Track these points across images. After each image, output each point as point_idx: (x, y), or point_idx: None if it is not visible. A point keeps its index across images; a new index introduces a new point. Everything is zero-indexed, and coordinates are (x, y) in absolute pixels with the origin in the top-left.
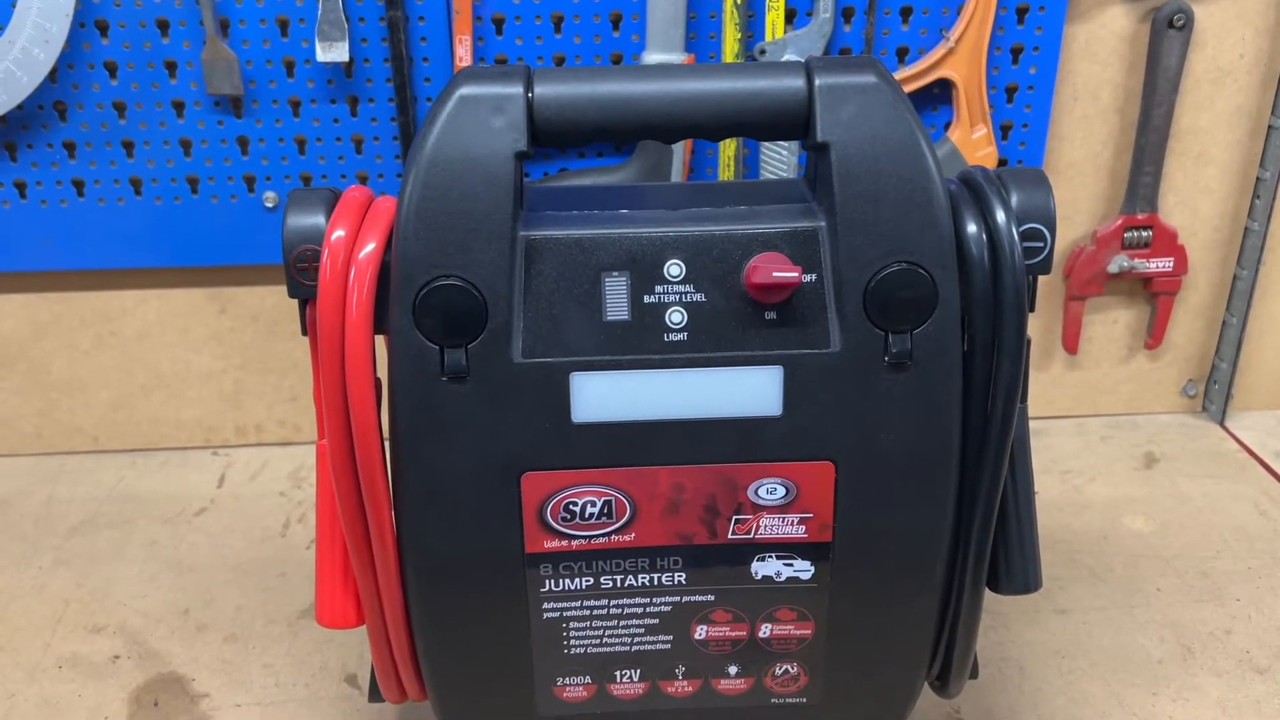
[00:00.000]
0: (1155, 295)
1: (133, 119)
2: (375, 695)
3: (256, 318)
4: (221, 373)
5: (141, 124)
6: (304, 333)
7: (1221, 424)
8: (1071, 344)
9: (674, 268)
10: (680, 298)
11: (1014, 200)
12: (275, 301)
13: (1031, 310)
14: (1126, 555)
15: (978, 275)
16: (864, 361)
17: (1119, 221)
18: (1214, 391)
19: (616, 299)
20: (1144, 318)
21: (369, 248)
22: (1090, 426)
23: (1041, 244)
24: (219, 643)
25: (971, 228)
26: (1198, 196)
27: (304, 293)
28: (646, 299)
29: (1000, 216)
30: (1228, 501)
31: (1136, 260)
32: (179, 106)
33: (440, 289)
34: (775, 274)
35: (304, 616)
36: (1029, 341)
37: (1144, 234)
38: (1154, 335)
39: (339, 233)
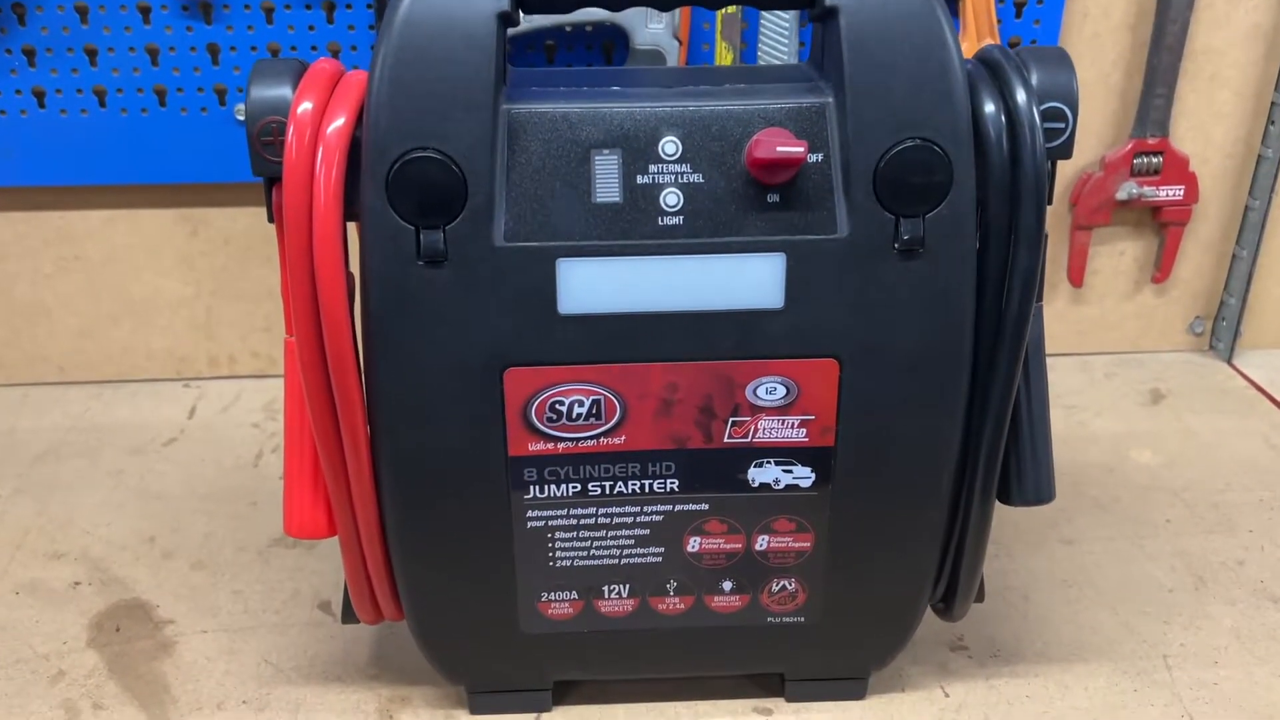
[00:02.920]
0: (1164, 226)
1: (96, 23)
2: (349, 616)
3: (229, 241)
4: (193, 299)
5: (105, 29)
6: (270, 219)
7: (1229, 361)
8: (1076, 276)
9: (669, 145)
10: (676, 178)
11: (1034, 79)
12: (249, 224)
13: (1049, 201)
14: (1134, 488)
15: (995, 157)
16: (872, 249)
17: (1129, 146)
18: (1221, 329)
19: (607, 179)
20: (1151, 250)
21: (338, 122)
22: (1094, 364)
23: (1063, 125)
24: (185, 570)
25: (989, 107)
26: (1210, 121)
27: (269, 170)
28: (639, 179)
29: (1020, 95)
30: (1236, 436)
31: (1146, 188)
32: (145, 11)
33: (416, 162)
34: (779, 149)
35: (276, 544)
36: (1046, 235)
37: (1154, 160)
38: (1161, 268)
39: (305, 105)
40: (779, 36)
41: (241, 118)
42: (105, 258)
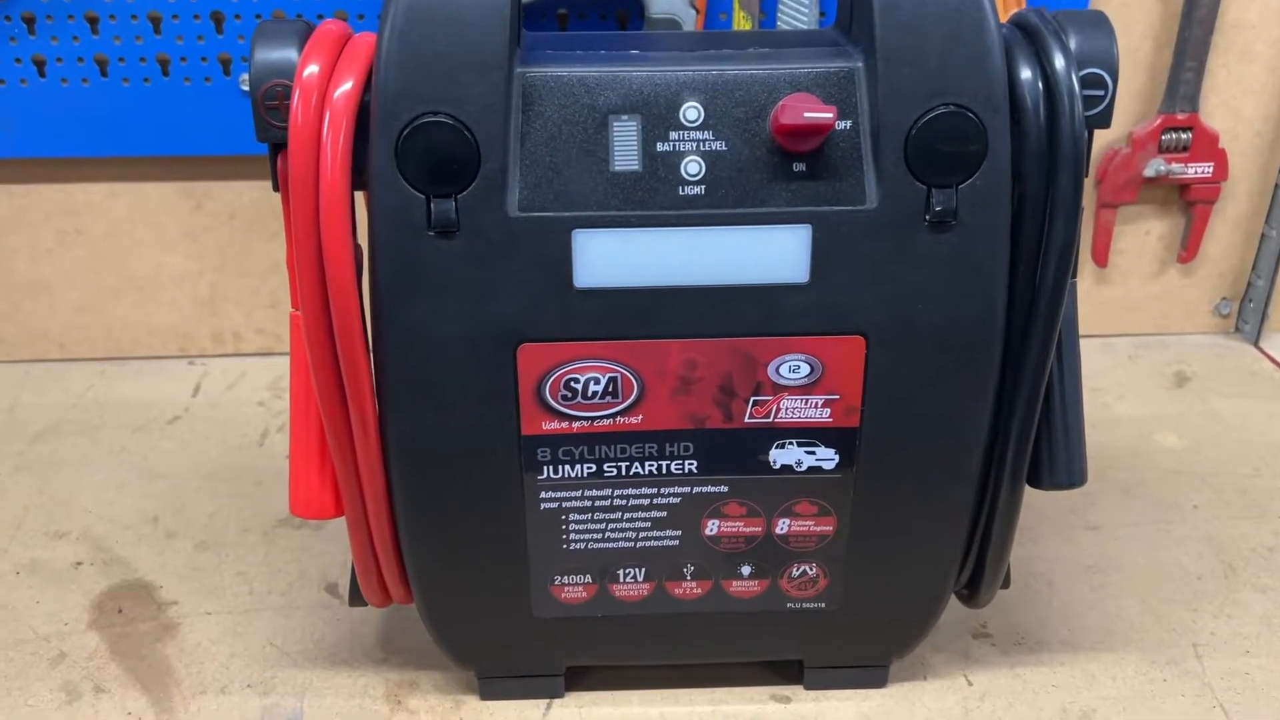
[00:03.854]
0: (1192, 204)
1: None
2: (356, 598)
3: (234, 215)
4: (197, 275)
5: None
6: (275, 187)
7: (1256, 344)
8: (1101, 256)
9: (691, 111)
10: (698, 145)
11: (1072, 44)
12: (255, 197)
13: (1086, 172)
14: (1159, 472)
15: (1032, 125)
16: (902, 220)
17: (1157, 122)
18: (1248, 310)
19: (626, 146)
20: (1178, 229)
21: (346, 86)
22: (1117, 345)
23: (1102, 93)
24: (189, 550)
25: (1026, 73)
26: (1241, 97)
27: (274, 135)
28: (659, 146)
29: (1059, 61)
30: (1264, 420)
31: (1174, 165)
32: None
33: (426, 127)
34: (806, 115)
35: (281, 525)
36: (1082, 208)
37: (1183, 136)
38: (1188, 248)
39: (312, 68)
40: (799, 5)
41: (246, 88)
42: (107, 232)
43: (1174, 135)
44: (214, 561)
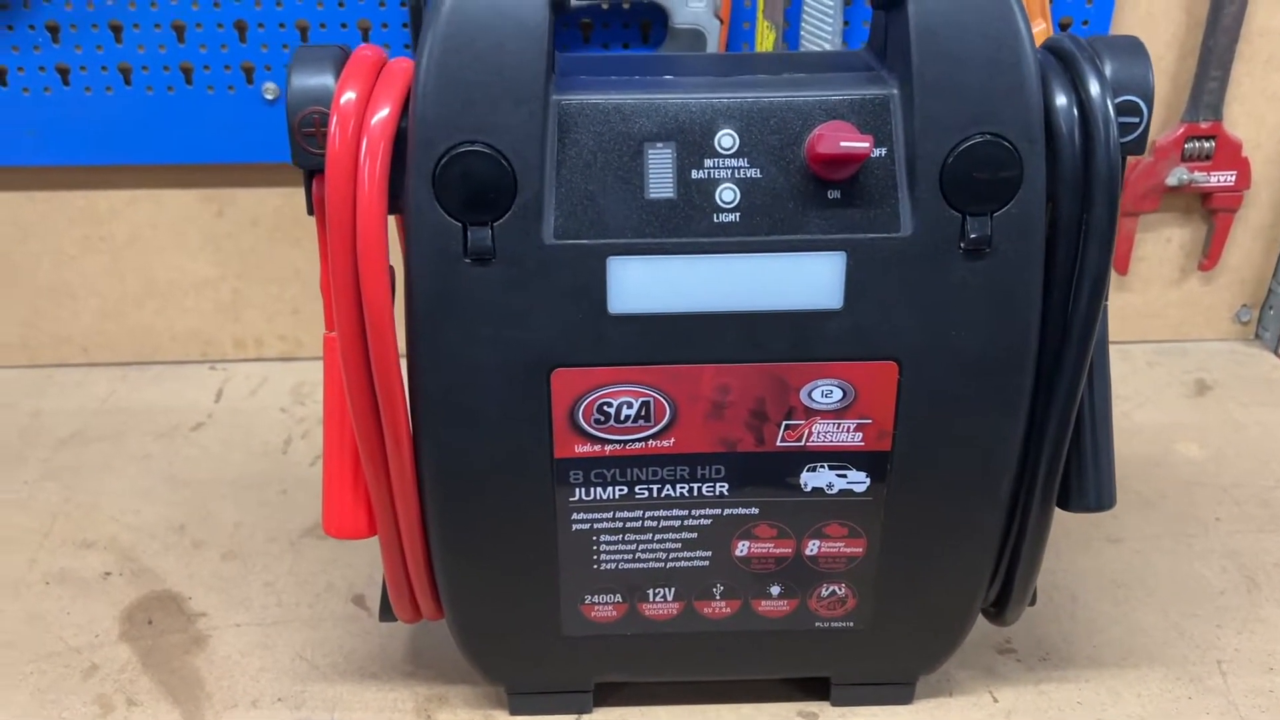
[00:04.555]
0: (1214, 212)
1: None
2: (386, 614)
3: (256, 222)
4: (219, 281)
5: (130, 4)
6: (310, 211)
7: (1276, 352)
8: (1122, 264)
9: (726, 139)
10: (732, 173)
11: (1108, 70)
12: (277, 204)
13: (1119, 198)
14: (1180, 483)
15: (1067, 152)
16: (937, 248)
17: (1180, 130)
18: (1269, 318)
19: (660, 174)
20: (1199, 237)
21: (383, 113)
22: (1136, 353)
23: (1137, 120)
24: (216, 560)
25: (1061, 100)
26: (1265, 106)
27: (311, 162)
28: (694, 174)
29: (1094, 88)
30: None
31: (1196, 173)
32: None
33: (464, 156)
34: (843, 144)
35: (307, 535)
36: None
37: (1206, 145)
38: (1209, 255)
39: (349, 95)
40: (823, 16)
41: (270, 97)
42: (129, 238)
43: (1197, 144)
44: (241, 572)
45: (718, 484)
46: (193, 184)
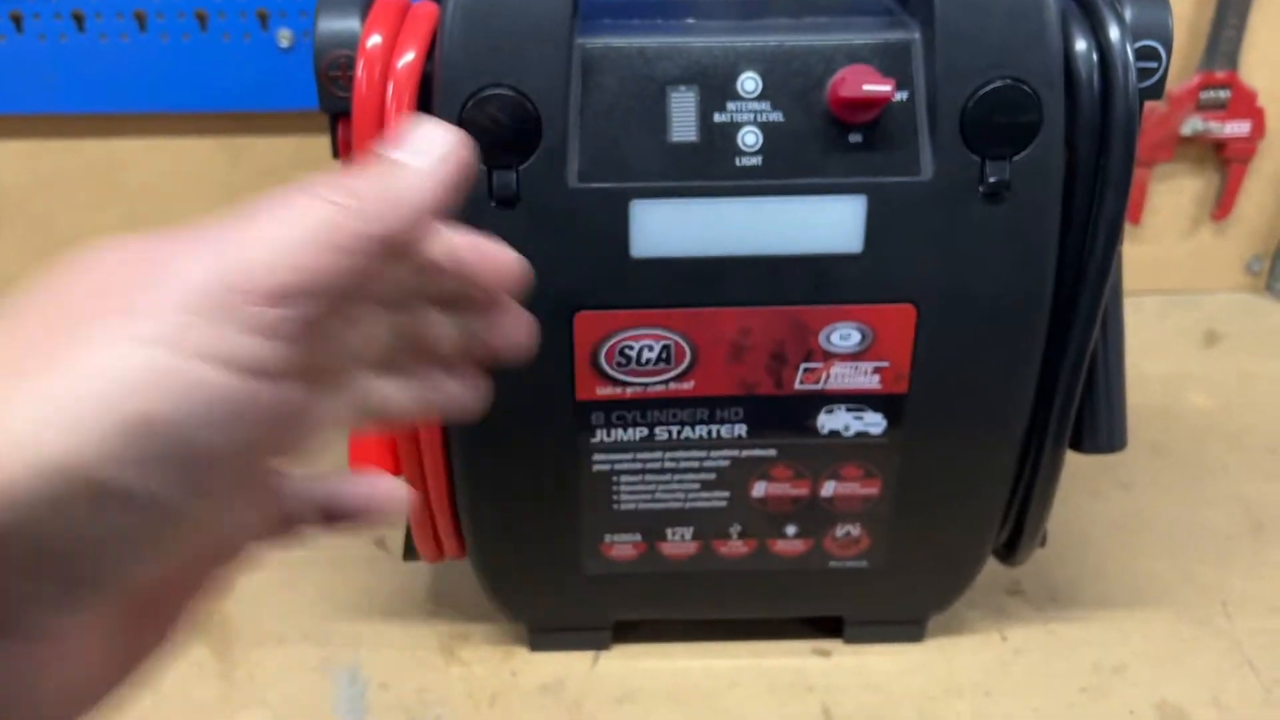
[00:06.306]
0: (1227, 162)
1: None
2: (410, 554)
3: (272, 172)
4: None
5: None
6: (335, 154)
7: None
8: (1134, 213)
9: (749, 82)
10: (755, 116)
11: (1128, 15)
12: (292, 153)
13: (1136, 144)
14: (1190, 431)
15: (1086, 98)
16: (956, 192)
17: (1196, 80)
18: None
19: (683, 117)
20: (1212, 187)
21: (408, 56)
22: (1146, 304)
23: (1156, 64)
24: None
25: (1081, 44)
26: None
27: (337, 105)
28: (717, 117)
29: (1115, 33)
30: None
31: (1211, 123)
32: None
33: (489, 99)
34: (866, 88)
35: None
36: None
37: (1221, 94)
38: (1222, 205)
39: (375, 39)
40: None
41: (284, 44)
42: (144, 188)
43: (1212, 93)
44: None
45: (736, 426)
46: (207, 132)
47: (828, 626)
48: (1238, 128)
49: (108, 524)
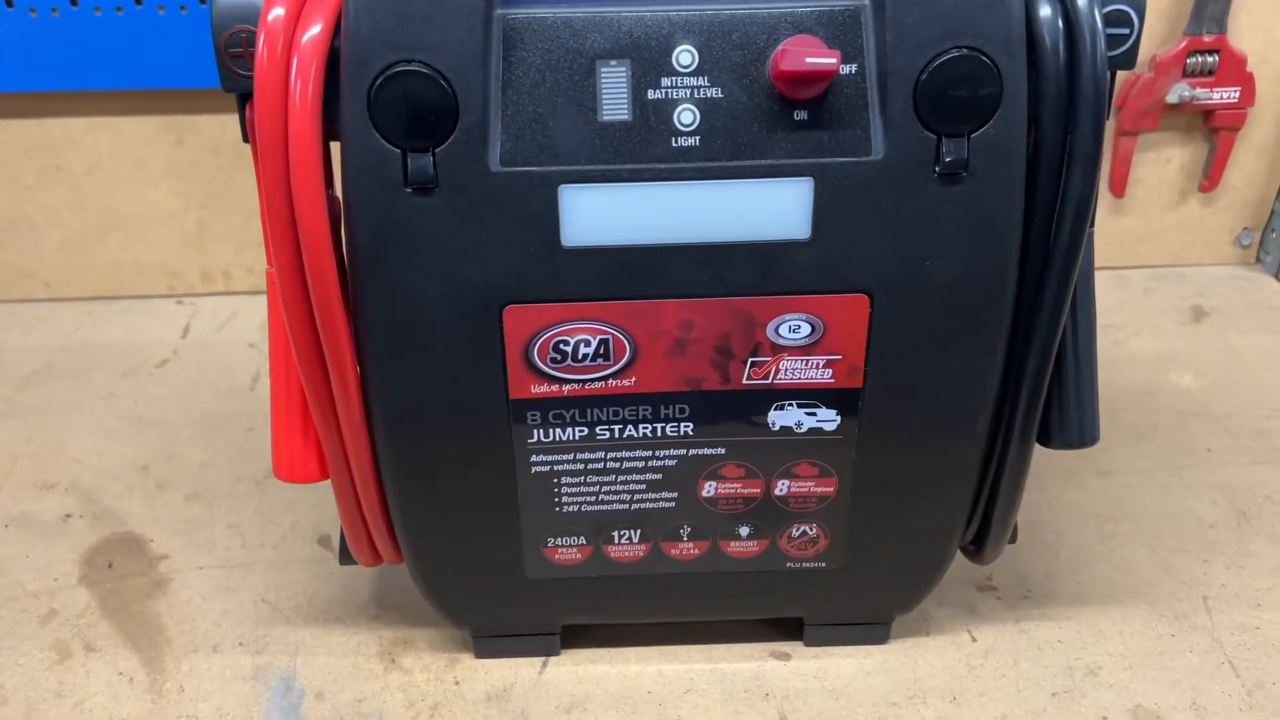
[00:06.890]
0: (1215, 131)
1: None
2: (346, 558)
3: (218, 150)
4: (183, 212)
5: None
6: (244, 138)
7: (1277, 276)
8: (1118, 186)
9: (684, 55)
10: (691, 93)
11: None
12: (238, 132)
13: (1108, 116)
14: (1173, 413)
15: (1050, 68)
16: (911, 172)
17: (1183, 44)
18: (1271, 241)
19: (614, 94)
20: (1200, 157)
21: (314, 30)
22: (1133, 278)
23: (1127, 31)
24: (180, 502)
25: (1045, 10)
26: (1273, 17)
27: (239, 85)
28: (651, 94)
29: None
30: None
31: (1199, 90)
32: None
33: (400, 76)
34: (809, 60)
35: (273, 475)
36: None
37: (1209, 59)
38: (1210, 176)
39: (277, 11)
40: None
41: None
42: (88, 168)
43: (1200, 59)
44: (205, 513)
45: (682, 424)
46: (150, 110)
47: (788, 628)
48: (1226, 94)
49: None
